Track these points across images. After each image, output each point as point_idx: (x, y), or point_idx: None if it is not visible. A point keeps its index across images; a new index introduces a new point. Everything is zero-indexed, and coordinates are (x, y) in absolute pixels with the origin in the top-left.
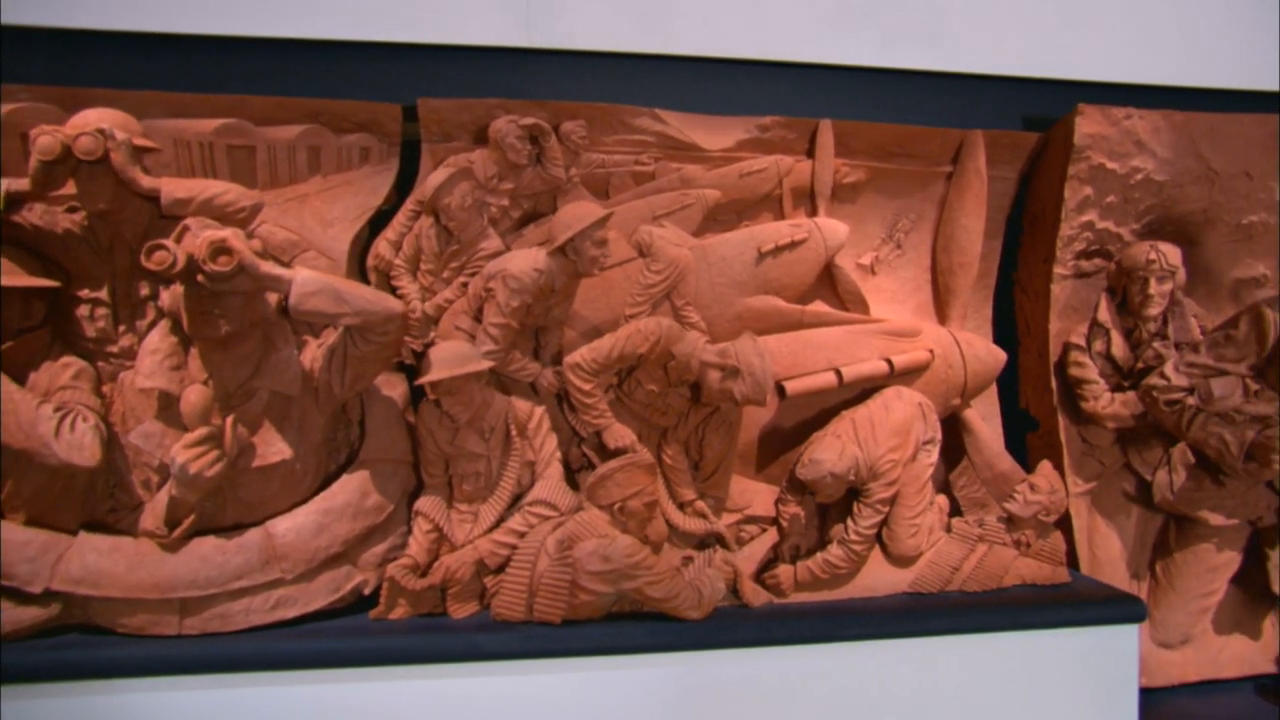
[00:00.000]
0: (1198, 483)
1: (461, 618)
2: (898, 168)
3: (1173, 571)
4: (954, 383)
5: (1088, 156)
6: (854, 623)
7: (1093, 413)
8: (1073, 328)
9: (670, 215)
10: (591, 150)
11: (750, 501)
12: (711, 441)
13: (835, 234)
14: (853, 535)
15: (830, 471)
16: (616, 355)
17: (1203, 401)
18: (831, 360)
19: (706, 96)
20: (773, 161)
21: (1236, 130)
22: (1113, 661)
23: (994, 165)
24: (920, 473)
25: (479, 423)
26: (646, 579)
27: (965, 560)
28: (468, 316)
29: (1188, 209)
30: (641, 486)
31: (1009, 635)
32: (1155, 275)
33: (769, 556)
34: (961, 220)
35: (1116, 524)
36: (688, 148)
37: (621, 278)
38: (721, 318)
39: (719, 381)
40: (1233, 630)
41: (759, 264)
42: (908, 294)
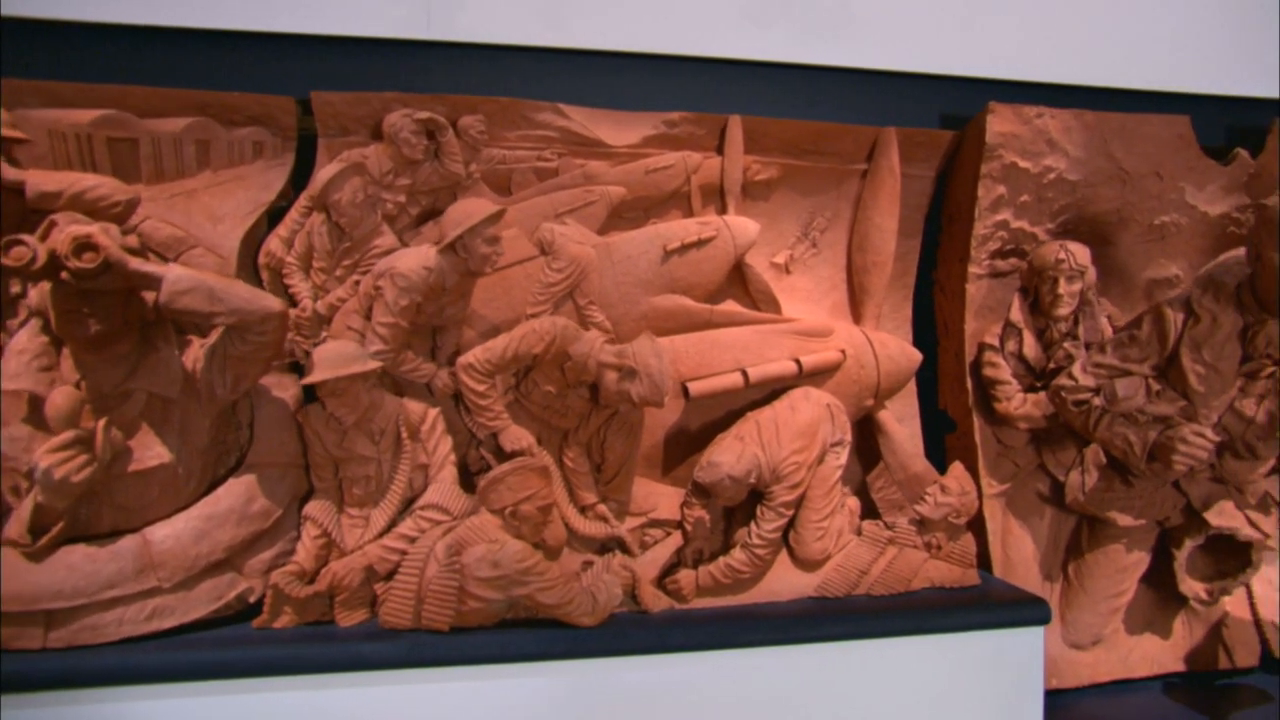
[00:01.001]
0: (1108, 483)
1: (349, 626)
2: (812, 165)
3: (1084, 572)
4: (866, 383)
5: (1000, 155)
6: (755, 628)
7: (1005, 413)
8: (988, 328)
9: (573, 212)
10: (492, 146)
11: (655, 505)
12: (613, 444)
13: (745, 232)
14: (755, 539)
15: (729, 474)
16: (511, 356)
17: (1108, 402)
18: (740, 360)
19: (613, 91)
20: (680, 158)
21: (1146, 131)
22: (1018, 664)
23: (910, 163)
24: (828, 475)
25: (368, 425)
26: (538, 585)
27: (874, 563)
28: (359, 316)
29: (1101, 209)
30: (535, 490)
31: (914, 639)
32: (1064, 275)
33: (672, 561)
34: (875, 219)
35: (1030, 525)
36: (592, 144)
37: (522, 276)
38: (627, 317)
39: (616, 383)
40: (1144, 630)
41: (665, 262)
42: (823, 293)
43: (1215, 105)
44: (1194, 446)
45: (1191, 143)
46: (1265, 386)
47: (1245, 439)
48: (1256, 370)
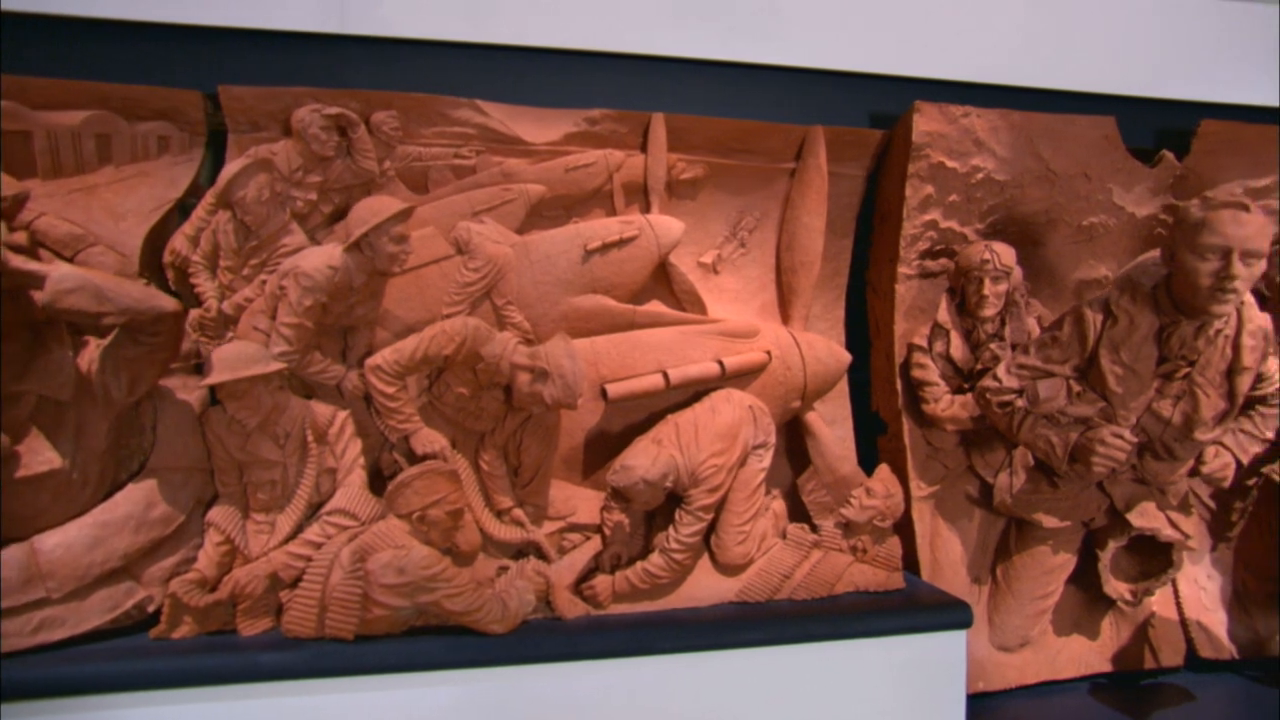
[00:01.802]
0: (1035, 485)
1: (251, 635)
2: (739, 164)
3: (1011, 575)
4: (793, 385)
5: (927, 155)
6: (672, 634)
7: (932, 415)
8: (918, 328)
9: (491, 211)
10: (408, 143)
11: (575, 509)
12: (530, 447)
13: (669, 231)
14: (673, 544)
15: (643, 478)
16: (420, 357)
17: (1030, 404)
18: (662, 362)
19: (533, 88)
20: (602, 156)
21: (1073, 132)
22: (941, 669)
23: (840, 163)
24: (750, 478)
25: (272, 428)
26: (445, 592)
27: (798, 567)
28: (266, 316)
29: (1030, 209)
30: (443, 494)
31: (835, 644)
32: (990, 275)
33: (591, 566)
34: (804, 218)
35: (959, 527)
36: (511, 141)
37: (438, 275)
38: (547, 318)
39: (528, 384)
40: (1072, 631)
41: (586, 262)
42: (752, 293)
43: (1141, 107)
44: (1112, 448)
45: (1118, 144)
46: (1180, 388)
47: (1163, 440)
48: (1172, 371)
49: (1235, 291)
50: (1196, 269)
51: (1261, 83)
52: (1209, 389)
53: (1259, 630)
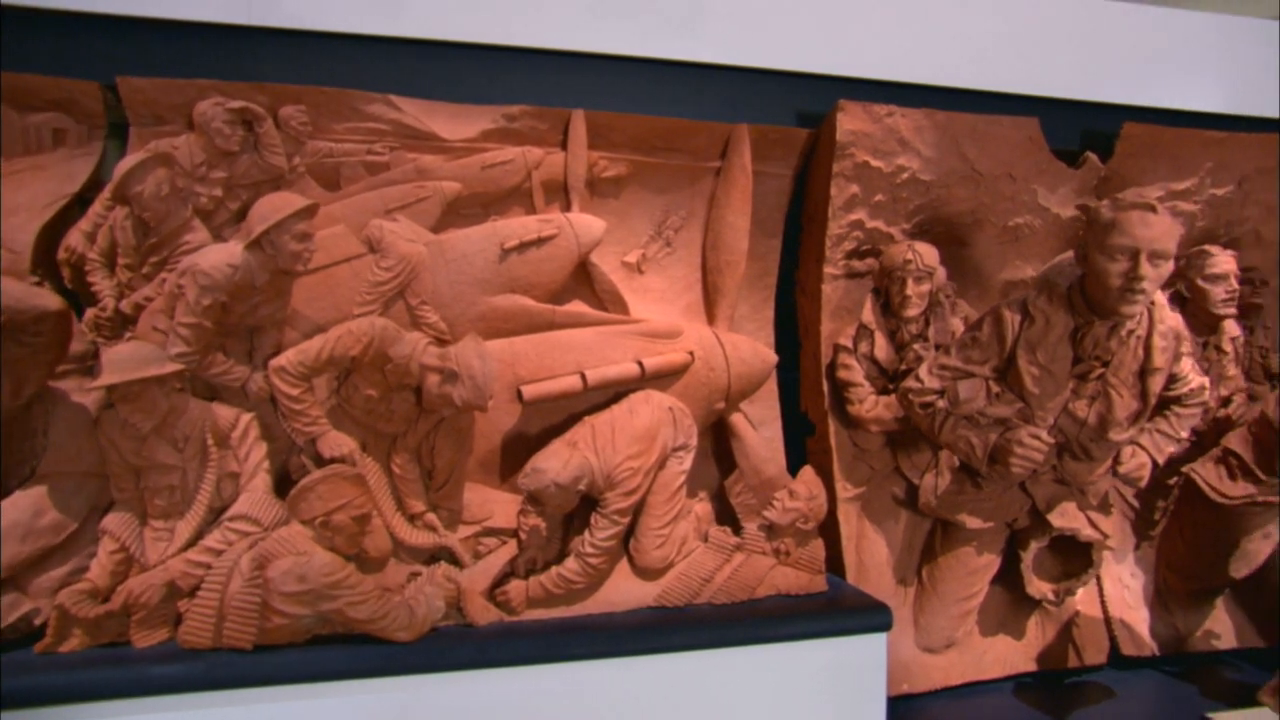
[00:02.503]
0: (959, 486)
1: (145, 647)
2: (664, 162)
3: (936, 576)
4: (717, 386)
5: (852, 154)
6: (586, 640)
7: (857, 416)
8: (844, 329)
9: (405, 209)
10: (319, 138)
11: (491, 512)
12: (442, 450)
13: (589, 230)
14: (588, 548)
15: (554, 481)
16: (326, 358)
17: (951, 404)
18: (581, 363)
19: (449, 83)
20: (520, 153)
21: (997, 132)
22: (861, 672)
23: (767, 162)
24: (670, 481)
25: (169, 431)
26: (348, 599)
27: (718, 571)
28: (165, 316)
29: (956, 209)
30: (348, 499)
31: (754, 649)
32: (913, 276)
33: (506, 571)
34: (728, 218)
35: (885, 529)
36: (426, 137)
37: (349, 274)
38: (463, 318)
39: (437, 386)
40: (998, 631)
41: (503, 261)
42: (677, 293)
43: (1066, 109)
44: (1029, 449)
45: (1042, 145)
46: (1095, 388)
47: (1080, 440)
48: (1086, 372)
49: (1144, 292)
50: (1107, 270)
51: (1183, 87)
52: (1122, 389)
53: (1179, 627)
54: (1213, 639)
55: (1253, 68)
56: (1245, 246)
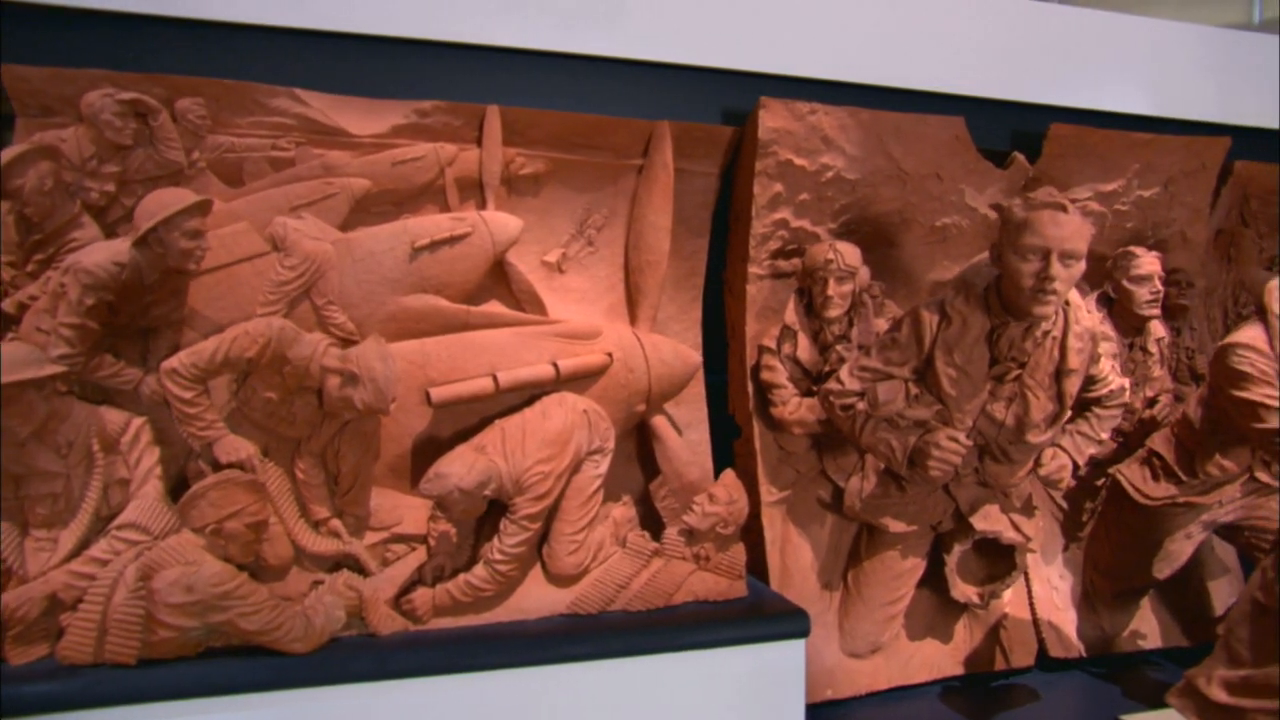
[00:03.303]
0: (884, 489)
1: (21, 664)
2: (585, 160)
3: (861, 580)
4: (636, 388)
5: (774, 152)
6: (493, 649)
7: (780, 418)
8: (769, 330)
9: (311, 206)
10: (219, 132)
11: (400, 518)
12: (348, 454)
13: (505, 229)
14: (497, 555)
15: (457, 486)
16: (220, 360)
17: (870, 406)
18: (495, 364)
19: (358, 78)
20: (432, 149)
21: (923, 131)
22: (778, 679)
23: (691, 160)
24: (585, 485)
25: (51, 437)
26: (239, 610)
27: (635, 577)
28: (49, 316)
29: (883, 209)
30: (242, 506)
31: (669, 656)
32: (834, 276)
33: (414, 579)
34: (650, 216)
35: (810, 533)
36: (334, 133)
37: (251, 273)
38: (373, 318)
39: (338, 388)
40: (925, 635)
41: (414, 260)
42: (600, 294)
43: (994, 109)
44: (947, 451)
45: (969, 145)
46: (1012, 390)
47: (998, 442)
48: (1003, 373)
49: (1055, 293)
50: (1019, 270)
51: (1111, 89)
52: (1038, 391)
53: (1106, 628)
54: (1139, 639)
55: (1178, 71)
56: (1173, 248)
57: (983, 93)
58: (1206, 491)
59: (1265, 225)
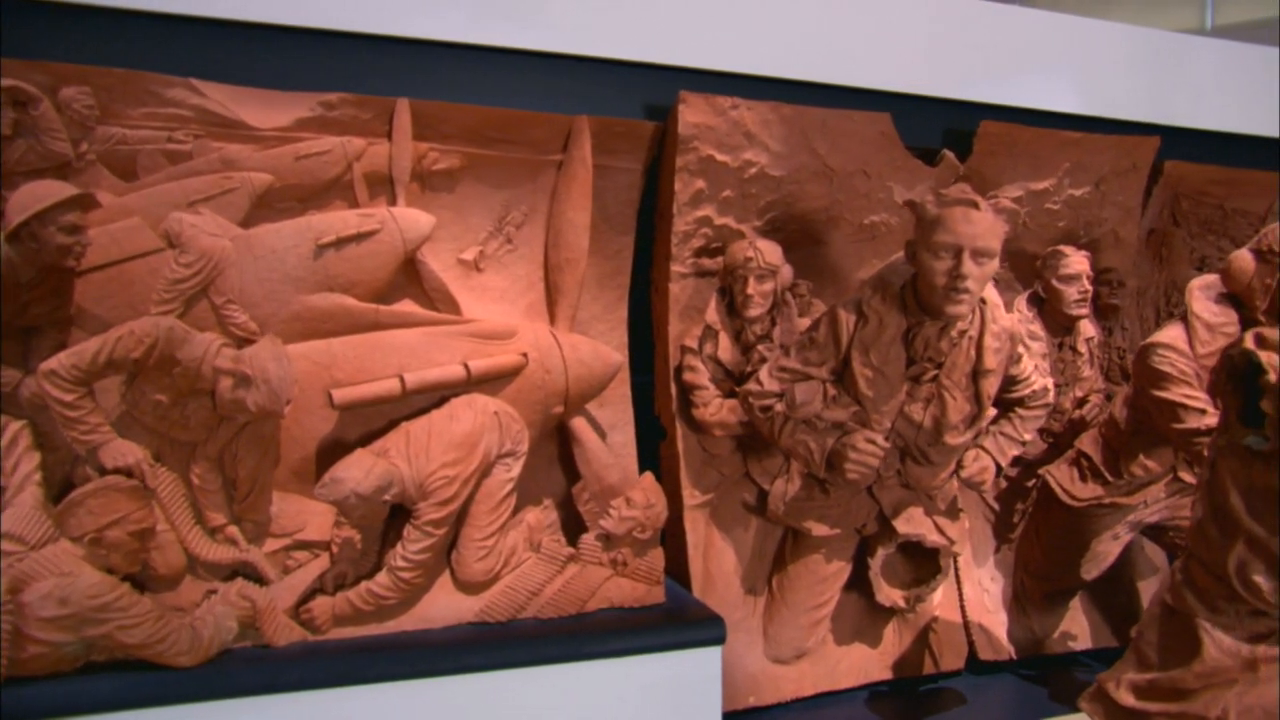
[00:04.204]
0: (808, 492)
1: None
2: (502, 155)
3: (786, 585)
4: (554, 389)
5: (695, 148)
6: (394, 660)
7: (701, 420)
8: (692, 329)
9: (209, 201)
10: (110, 123)
11: (304, 524)
12: (245, 458)
13: (415, 226)
14: (400, 562)
15: (354, 491)
16: (104, 361)
17: (788, 408)
18: (405, 365)
19: (261, 68)
20: (339, 143)
21: (849, 127)
22: (693, 687)
23: (614, 156)
24: (495, 489)
25: None
26: (119, 622)
27: (548, 584)
28: None
29: (810, 206)
30: (124, 513)
31: (580, 665)
32: (754, 274)
33: (315, 587)
34: (568, 213)
35: (734, 537)
36: (234, 125)
37: (145, 271)
38: (276, 318)
39: (230, 390)
40: (853, 640)
41: (319, 258)
42: (519, 293)
43: (924, 106)
44: (864, 454)
45: (896, 141)
46: (929, 391)
47: (917, 444)
48: (920, 374)
49: (968, 291)
50: (932, 268)
51: (1041, 87)
52: (955, 392)
53: (1036, 630)
54: (1069, 640)
55: (1109, 70)
56: (1105, 248)
57: (912, 89)
58: (1132, 492)
59: (1196, 225)
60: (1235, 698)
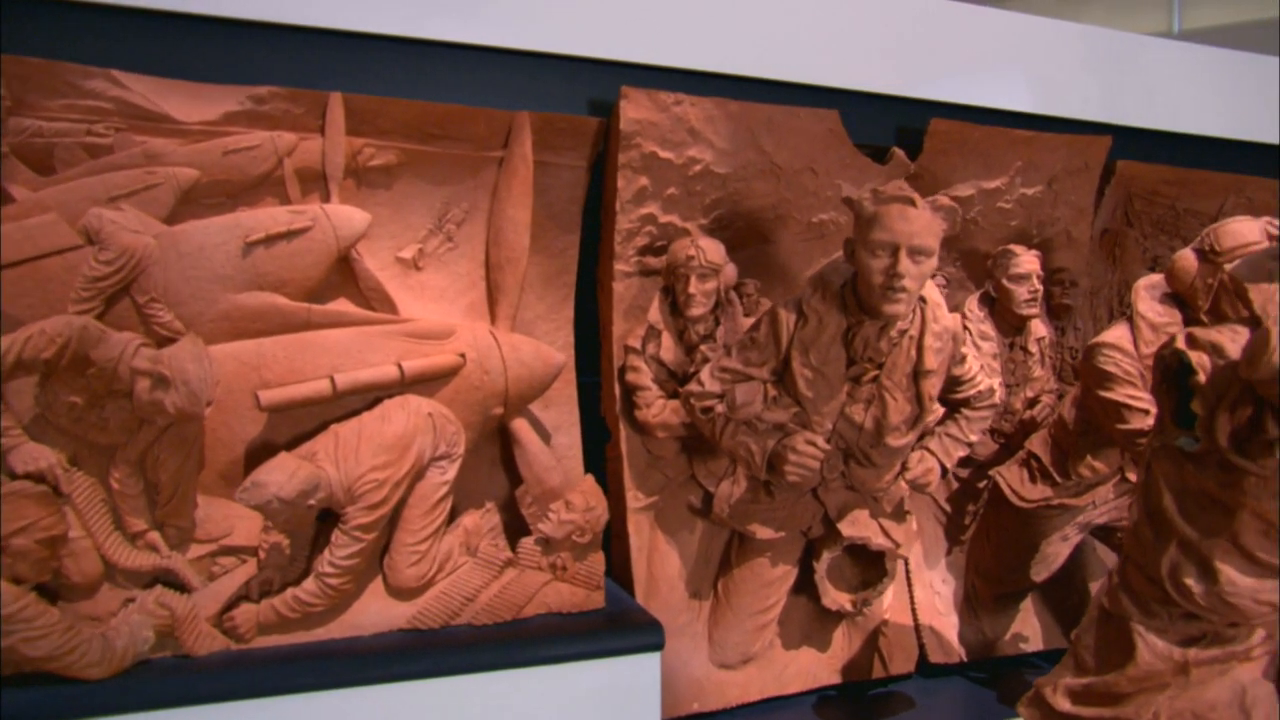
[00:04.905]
0: (753, 495)
1: None
2: (442, 151)
3: (731, 589)
4: (493, 390)
5: (638, 144)
6: (319, 668)
7: (644, 421)
8: (636, 329)
9: (131, 196)
10: (25, 115)
11: (231, 529)
12: (167, 461)
13: (349, 223)
14: (327, 568)
15: (276, 496)
16: (12, 361)
17: (729, 409)
18: (337, 365)
19: (187, 60)
20: (269, 138)
21: (796, 124)
22: (632, 695)
23: (557, 152)
24: (429, 493)
25: None
26: (23, 634)
27: (485, 589)
28: None
29: (757, 204)
30: (32, 520)
31: (514, 673)
32: (696, 273)
33: (241, 594)
34: (509, 211)
35: (679, 540)
36: (158, 118)
37: (62, 269)
38: (204, 317)
39: (147, 391)
40: (802, 644)
41: (247, 255)
42: (460, 291)
43: (874, 103)
44: (804, 456)
45: (844, 139)
46: (870, 391)
47: (859, 446)
48: (860, 374)
49: (905, 290)
50: (869, 266)
51: (994, 84)
52: (896, 392)
53: (987, 632)
54: (1021, 642)
55: (1060, 69)
56: (1057, 247)
57: (862, 86)
58: (1080, 493)
59: (1149, 225)
60: (1167, 702)
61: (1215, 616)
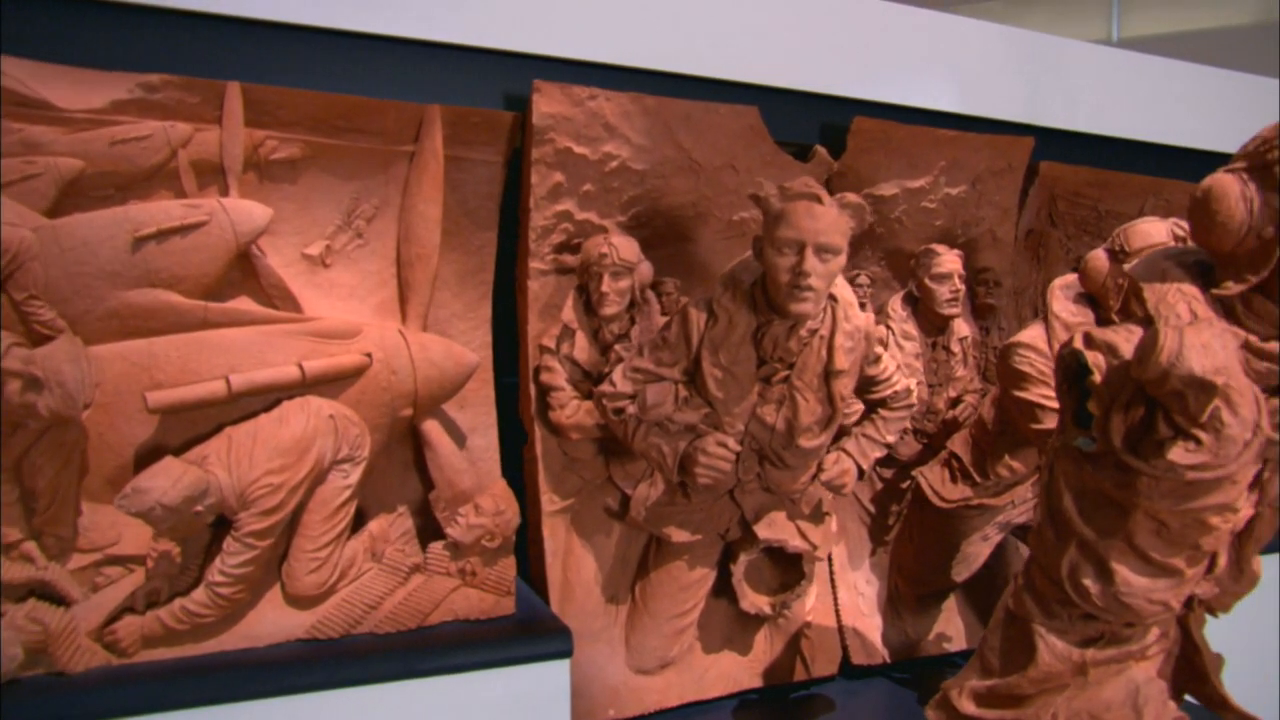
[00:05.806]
0: (670, 497)
1: None
2: (349, 144)
3: (648, 593)
4: (401, 391)
5: (552, 139)
6: (208, 683)
7: (558, 422)
8: (552, 328)
9: (8, 187)
10: None
11: (118, 537)
12: (44, 467)
13: (249, 218)
14: (218, 576)
15: (159, 502)
16: None
17: (640, 410)
18: (234, 366)
19: (70, 44)
20: (161, 128)
21: (714, 120)
22: (540, 704)
23: (471, 147)
24: (330, 497)
25: None
26: None
27: (390, 596)
28: None
29: (676, 201)
30: None
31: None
32: (609, 271)
33: (126, 605)
34: (419, 207)
35: (595, 544)
36: (37, 105)
37: None
38: (90, 315)
39: (19, 394)
40: (723, 648)
41: (137, 251)
42: (370, 290)
43: (796, 101)
44: (714, 458)
45: (764, 135)
46: (781, 392)
47: (772, 447)
48: (770, 374)
49: (811, 289)
50: (776, 264)
51: (917, 83)
52: (807, 393)
53: (910, 632)
54: (944, 642)
55: (984, 70)
56: (982, 248)
57: (785, 83)
58: (999, 493)
59: (1073, 226)
60: (1064, 702)
61: (1111, 617)
